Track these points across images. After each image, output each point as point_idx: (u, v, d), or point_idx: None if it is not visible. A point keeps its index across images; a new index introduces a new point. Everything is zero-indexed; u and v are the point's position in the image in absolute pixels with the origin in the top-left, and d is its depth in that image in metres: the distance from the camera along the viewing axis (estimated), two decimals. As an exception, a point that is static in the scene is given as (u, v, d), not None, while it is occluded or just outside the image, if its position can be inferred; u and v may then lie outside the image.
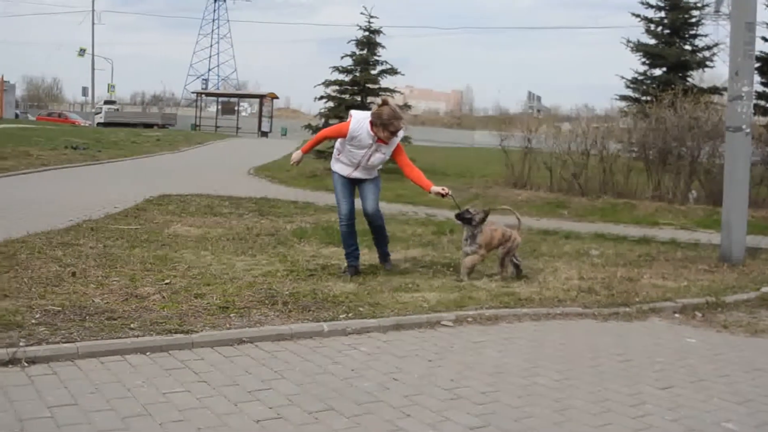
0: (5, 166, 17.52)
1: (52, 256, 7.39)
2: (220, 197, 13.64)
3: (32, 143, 23.52)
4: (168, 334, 5.12)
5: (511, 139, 18.63)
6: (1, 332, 4.90)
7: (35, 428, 3.69)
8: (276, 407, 4.15)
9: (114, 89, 76.19)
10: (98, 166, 20.55)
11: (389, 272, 7.81)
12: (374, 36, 22.48)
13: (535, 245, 10.14)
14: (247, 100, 68.60)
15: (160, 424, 3.83)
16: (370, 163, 7.68)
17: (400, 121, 7.43)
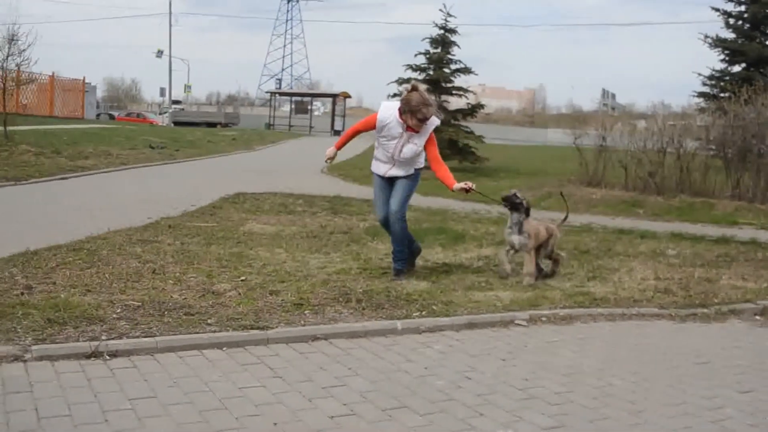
0: (87, 165, 18.01)
1: (132, 253, 7.58)
2: (293, 195, 13.77)
3: (112, 143, 24.09)
4: (244, 329, 5.21)
5: (585, 137, 18.40)
6: (84, 326, 5.06)
7: (118, 420, 3.79)
8: (350, 404, 4.18)
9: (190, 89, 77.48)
10: (175, 165, 20.95)
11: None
12: (449, 35, 22.43)
13: (610, 244, 10.00)
14: (320, 99, 69.13)
15: (237, 418, 3.90)
16: (402, 156, 7.21)
17: (429, 108, 7.01)
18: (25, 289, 5.94)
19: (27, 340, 4.74)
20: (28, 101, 39.08)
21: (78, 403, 3.97)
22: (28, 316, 5.18)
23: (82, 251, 7.52)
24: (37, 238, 8.12)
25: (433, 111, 7.08)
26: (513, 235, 7.40)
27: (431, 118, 7.11)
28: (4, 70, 22.01)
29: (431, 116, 7.08)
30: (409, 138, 7.15)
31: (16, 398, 3.99)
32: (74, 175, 16.07)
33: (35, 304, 5.49)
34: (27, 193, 13.00)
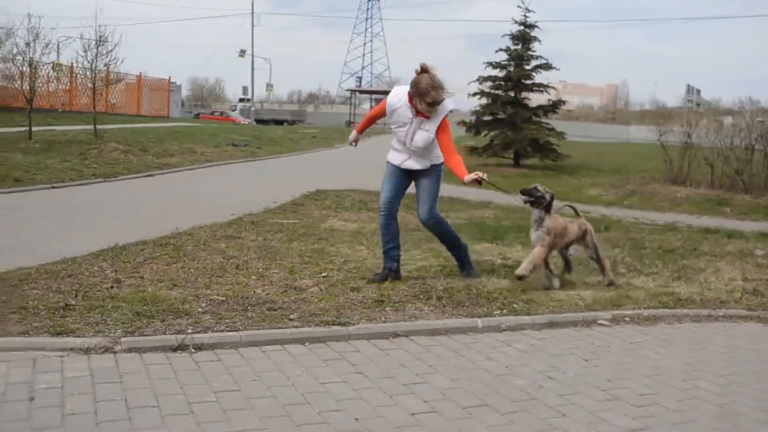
0: (172, 162, 18.42)
1: (216, 249, 7.73)
2: (373, 192, 13.80)
3: (196, 140, 24.56)
4: (326, 325, 5.26)
5: (669, 134, 18.02)
6: (170, 319, 5.18)
7: (203, 412, 3.87)
8: (431, 401, 4.18)
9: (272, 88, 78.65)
10: (257, 163, 21.25)
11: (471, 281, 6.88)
12: (529, 31, 22.21)
13: (696, 244, 9.78)
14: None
15: (319, 412, 3.94)
16: (414, 144, 6.73)
17: (439, 92, 6.48)
18: (115, 282, 6.11)
19: (117, 332, 4.89)
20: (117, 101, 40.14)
21: (165, 394, 4.07)
22: (117, 309, 5.34)
23: (169, 246, 7.71)
24: (125, 233, 8.35)
25: (443, 95, 6.58)
26: (534, 232, 6.87)
27: (444, 102, 6.62)
28: (94, 71, 22.67)
29: (442, 100, 6.57)
30: (420, 124, 6.69)
31: (107, 388, 4.12)
32: (160, 172, 16.48)
33: (124, 297, 5.66)
34: (116, 190, 13.38)
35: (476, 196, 13.90)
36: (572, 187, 17.32)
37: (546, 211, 6.79)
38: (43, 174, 14.18)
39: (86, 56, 22.24)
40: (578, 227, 7.08)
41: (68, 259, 6.96)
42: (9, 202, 11.03)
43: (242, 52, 71.79)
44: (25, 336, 4.77)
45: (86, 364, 4.45)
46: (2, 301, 5.48)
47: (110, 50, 22.16)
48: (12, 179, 13.07)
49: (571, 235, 6.99)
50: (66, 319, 5.11)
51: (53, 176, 14.04)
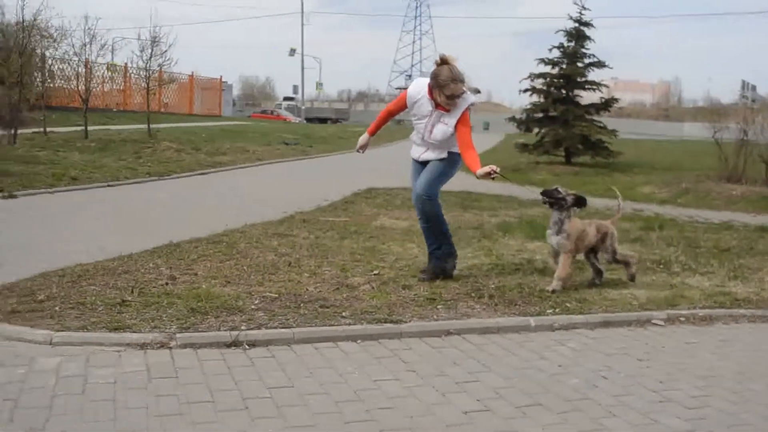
0: (224, 160, 18.63)
1: (269, 246, 7.79)
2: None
3: (248, 139, 24.78)
4: (378, 323, 5.27)
5: (724, 131, 17.70)
6: (224, 316, 5.24)
7: (257, 407, 3.91)
8: (483, 399, 4.17)
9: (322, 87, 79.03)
10: (308, 161, 21.38)
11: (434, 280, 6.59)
12: (584, 28, 21.97)
13: (752, 243, 9.60)
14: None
15: (371, 410, 3.95)
16: (433, 137, 6.57)
17: (458, 85, 6.28)
18: (169, 279, 6.20)
19: (172, 328, 4.96)
20: (169, 100, 40.69)
21: (220, 390, 4.12)
22: (172, 305, 5.42)
23: (222, 244, 7.79)
24: (179, 230, 8.48)
25: (463, 87, 6.36)
26: (552, 236, 6.61)
27: (464, 95, 6.42)
28: (148, 71, 23.00)
29: (461, 93, 6.37)
30: (440, 117, 6.51)
31: (163, 383, 4.18)
32: (213, 171, 16.69)
33: (179, 294, 5.74)
34: (169, 188, 13.57)
35: (527, 194, 13.80)
36: (624, 185, 17.08)
37: (568, 214, 6.54)
38: (99, 172, 14.44)
39: (141, 57, 22.59)
40: (596, 230, 6.74)
41: (124, 256, 7.08)
42: (67, 200, 11.26)
43: (292, 51, 72.22)
44: (84, 331, 4.86)
45: (143, 359, 4.53)
46: (61, 296, 5.59)
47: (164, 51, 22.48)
48: (69, 178, 13.32)
49: (590, 237, 6.68)
50: (123, 314, 5.20)
51: (109, 175, 14.29)
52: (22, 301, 5.47)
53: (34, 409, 3.79)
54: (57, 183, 12.72)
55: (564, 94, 22.16)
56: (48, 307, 5.35)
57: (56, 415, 3.73)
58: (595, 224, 6.82)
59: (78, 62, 23.76)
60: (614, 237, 6.86)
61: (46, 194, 11.73)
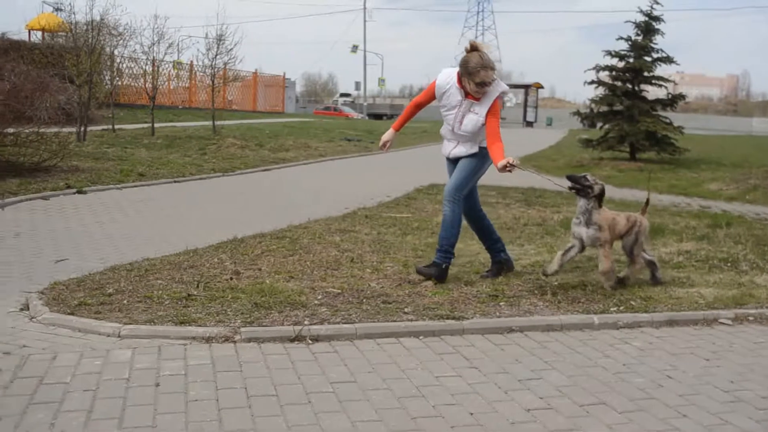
0: (288, 157, 18.81)
1: (331, 242, 7.84)
2: (486, 187, 13.71)
3: (311, 136, 24.96)
4: (440, 319, 5.27)
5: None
6: (288, 311, 5.30)
7: (320, 402, 3.94)
8: (546, 397, 4.15)
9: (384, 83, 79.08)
10: (370, 157, 21.43)
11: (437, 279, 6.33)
12: (654, 22, 21.56)
13: (827, 241, 9.34)
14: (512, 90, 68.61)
15: (434, 406, 3.96)
16: (463, 129, 6.33)
17: (489, 72, 6.07)
18: (234, 274, 6.29)
19: (236, 322, 5.03)
20: (234, 97, 41.21)
21: (283, 384, 4.17)
22: (236, 299, 5.50)
23: (285, 239, 7.87)
24: (243, 226, 8.59)
25: (493, 75, 6.14)
26: (580, 227, 6.29)
27: (495, 83, 6.21)
28: (213, 69, 23.31)
29: (492, 81, 6.15)
30: (470, 107, 6.27)
31: (227, 376, 4.25)
32: (276, 167, 16.85)
33: (243, 288, 5.81)
34: (233, 184, 13.74)
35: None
36: (691, 181, 16.79)
37: (597, 203, 6.27)
38: (165, 168, 14.69)
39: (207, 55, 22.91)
40: (626, 219, 6.49)
41: (190, 251, 7.20)
42: (134, 196, 11.48)
43: (354, 48, 72.49)
44: (151, 324, 4.97)
45: (208, 352, 4.60)
46: (129, 290, 5.72)
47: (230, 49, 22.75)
48: (136, 174, 13.58)
49: (620, 227, 6.41)
50: (188, 308, 5.29)
51: (174, 171, 14.53)
52: (92, 294, 5.61)
53: (111, 400, 3.89)
54: (125, 179, 12.98)
55: (630, 88, 21.80)
56: (116, 300, 5.47)
57: (131, 406, 3.83)
58: (625, 214, 6.60)
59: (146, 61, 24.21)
60: (643, 230, 6.57)
61: (114, 190, 11.97)
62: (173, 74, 35.54)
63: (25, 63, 15.26)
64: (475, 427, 3.73)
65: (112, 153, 16.58)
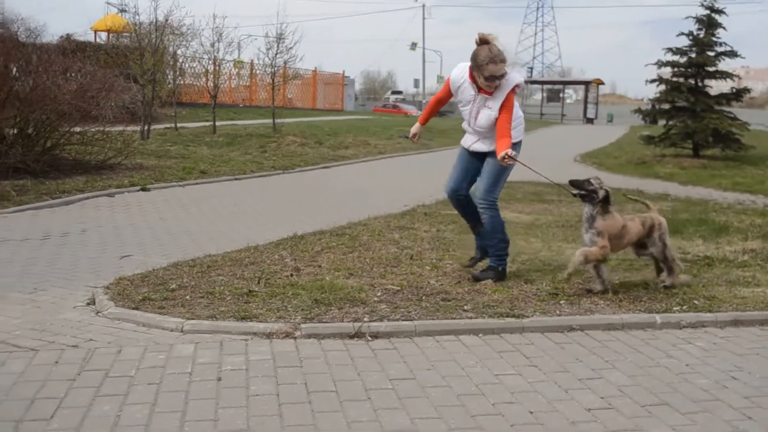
0: (347, 154, 18.90)
1: (391, 239, 7.86)
2: (546, 184, 13.61)
3: (370, 133, 25.03)
4: (499, 317, 5.25)
5: None
6: (347, 307, 5.33)
7: (379, 398, 3.96)
8: (607, 397, 4.10)
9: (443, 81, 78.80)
10: (429, 154, 21.42)
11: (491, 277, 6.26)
12: (716, 16, 21.12)
13: None
14: (571, 86, 67.99)
15: (493, 404, 3.94)
16: (478, 124, 6.22)
17: (498, 65, 5.87)
18: (294, 270, 6.34)
19: (296, 318, 5.07)
20: (293, 95, 41.52)
21: (343, 380, 4.19)
22: (297, 296, 5.55)
23: (344, 236, 7.92)
24: (303, 223, 8.67)
25: (504, 68, 5.94)
26: (585, 233, 6.06)
27: (507, 76, 6.03)
28: (273, 67, 23.53)
29: (501, 74, 5.95)
30: (484, 102, 6.13)
31: (288, 372, 4.29)
32: (335, 164, 16.95)
33: (303, 285, 5.86)
34: (293, 181, 13.87)
35: (653, 188, 13.49)
36: (757, 179, 16.41)
37: (602, 209, 5.95)
38: (227, 166, 14.89)
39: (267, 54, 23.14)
40: (641, 224, 6.14)
41: (251, 247, 7.29)
42: (196, 193, 11.66)
43: (413, 45, 72.42)
44: (213, 320, 5.04)
45: (269, 348, 4.65)
46: (192, 286, 5.81)
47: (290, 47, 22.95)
48: (198, 171, 13.80)
49: (631, 234, 6.07)
50: (249, 304, 5.35)
51: (235, 168, 14.72)
52: (156, 289, 5.71)
53: (174, 393, 3.96)
54: (187, 176, 13.19)
55: (693, 84, 21.39)
56: (179, 295, 5.57)
57: (194, 400, 3.89)
58: (639, 218, 6.23)
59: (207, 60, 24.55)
60: (663, 229, 6.24)
61: (176, 187, 12.18)
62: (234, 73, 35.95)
63: (91, 63, 15.58)
64: (535, 426, 3.71)
65: (174, 151, 16.87)
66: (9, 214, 9.30)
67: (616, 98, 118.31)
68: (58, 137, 13.08)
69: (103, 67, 16.67)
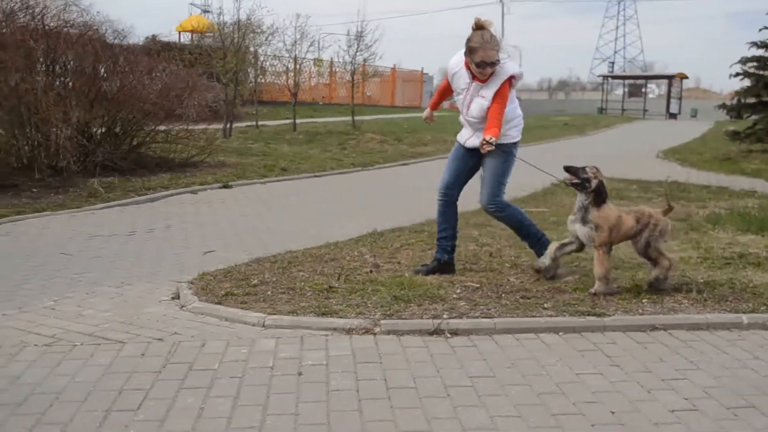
0: (426, 151, 18.92)
1: (469, 236, 7.84)
2: (627, 181, 13.41)
3: (448, 130, 24.93)
4: (580, 315, 5.19)
5: None
6: (426, 304, 5.34)
7: (459, 396, 3.96)
8: (691, 398, 4.02)
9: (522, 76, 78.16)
10: (508, 151, 21.24)
11: None
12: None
13: None
14: (654, 81, 66.68)
15: (574, 403, 3.91)
16: (470, 114, 6.01)
17: (488, 51, 5.67)
18: (374, 267, 6.38)
19: (376, 314, 5.11)
20: (372, 93, 41.69)
21: (422, 377, 4.21)
22: (376, 292, 5.58)
23: (423, 233, 7.93)
24: (382, 219, 8.72)
25: (496, 55, 5.73)
26: (575, 224, 5.78)
27: (502, 65, 5.83)
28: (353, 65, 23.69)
29: (493, 61, 5.74)
30: (478, 90, 5.92)
31: (367, 368, 4.32)
32: (414, 161, 16.97)
33: (382, 281, 5.90)
34: (373, 178, 13.94)
35: (739, 185, 13.14)
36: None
37: (595, 201, 5.73)
38: (307, 163, 15.06)
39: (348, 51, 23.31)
40: (635, 219, 5.80)
41: (331, 244, 7.36)
42: (277, 190, 11.82)
43: (493, 41, 71.91)
44: (294, 315, 5.12)
45: (348, 343, 4.70)
46: (273, 281, 5.90)
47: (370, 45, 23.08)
48: (279, 169, 13.99)
49: (626, 227, 5.76)
50: (330, 300, 5.42)
51: (315, 165, 14.87)
52: (238, 285, 5.82)
53: (256, 387, 4.04)
54: (268, 174, 13.39)
55: (778, 79, 20.70)
56: (261, 291, 5.66)
57: (275, 394, 3.96)
58: (635, 213, 5.89)
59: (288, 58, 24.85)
60: (658, 231, 5.81)
61: (257, 185, 12.37)
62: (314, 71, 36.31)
63: (175, 63, 15.93)
64: (617, 427, 3.66)
65: (255, 149, 17.13)
66: (97, 211, 9.60)
67: (701, 93, 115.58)
68: (144, 136, 13.44)
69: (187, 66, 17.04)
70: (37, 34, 11.62)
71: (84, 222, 8.90)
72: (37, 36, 11.59)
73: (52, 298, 5.68)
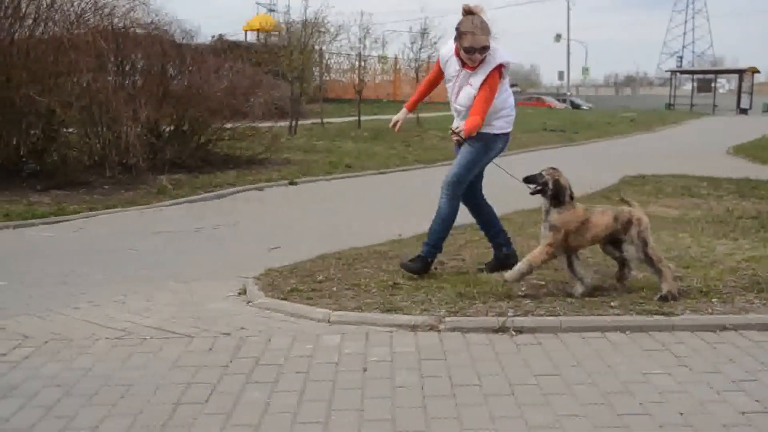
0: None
1: (532, 234, 7.67)
2: (697, 178, 13.17)
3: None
4: (648, 314, 5.11)
5: None
6: (491, 302, 5.32)
7: (523, 394, 3.94)
8: (762, 401, 3.92)
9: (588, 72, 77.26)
10: (573, 148, 21.05)
11: None
12: None
13: None
14: (724, 76, 65.21)
15: (641, 403, 3.85)
16: (459, 103, 5.86)
17: (477, 37, 5.53)
18: (438, 264, 6.37)
19: (441, 311, 5.11)
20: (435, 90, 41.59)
21: (486, 374, 4.20)
22: (441, 289, 5.59)
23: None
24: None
25: (486, 40, 5.59)
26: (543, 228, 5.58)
27: (493, 52, 5.69)
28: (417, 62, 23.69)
29: (481, 47, 5.59)
30: (467, 78, 5.77)
31: (432, 365, 4.33)
32: (477, 158, 16.84)
33: (447, 278, 5.91)
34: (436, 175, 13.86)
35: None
36: None
37: (553, 202, 5.51)
38: (371, 161, 15.12)
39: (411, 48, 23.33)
40: (614, 218, 5.50)
41: (395, 241, 7.38)
42: (342, 187, 11.91)
43: (558, 37, 71.13)
44: (359, 311, 5.15)
45: (413, 340, 4.72)
46: (338, 278, 5.94)
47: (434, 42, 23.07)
48: (344, 165, 14.07)
49: (598, 229, 5.49)
50: (394, 297, 5.44)
51: (380, 162, 14.93)
52: (303, 281, 5.89)
53: (321, 383, 4.09)
54: (333, 171, 13.48)
55: None
56: (326, 287, 5.71)
57: (341, 389, 4.00)
58: (612, 212, 5.59)
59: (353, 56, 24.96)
60: (644, 226, 5.54)
61: (323, 181, 12.46)
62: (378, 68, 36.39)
63: (242, 62, 16.13)
64: (685, 428, 3.60)
65: (320, 146, 17.25)
66: (165, 207, 9.79)
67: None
68: (211, 133, 13.65)
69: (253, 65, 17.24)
70: (107, 35, 11.87)
71: (152, 218, 9.09)
72: (107, 36, 11.85)
73: (121, 293, 5.82)
